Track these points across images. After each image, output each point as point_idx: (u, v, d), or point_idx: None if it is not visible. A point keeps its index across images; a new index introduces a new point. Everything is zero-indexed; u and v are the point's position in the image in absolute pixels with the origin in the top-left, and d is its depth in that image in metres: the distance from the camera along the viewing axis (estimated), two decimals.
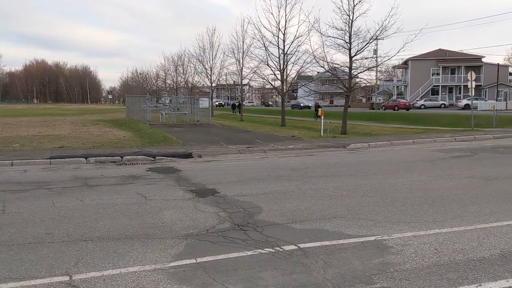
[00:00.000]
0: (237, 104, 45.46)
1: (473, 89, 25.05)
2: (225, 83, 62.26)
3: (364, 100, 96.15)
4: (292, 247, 5.19)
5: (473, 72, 24.90)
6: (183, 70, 59.62)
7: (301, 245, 5.22)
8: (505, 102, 52.21)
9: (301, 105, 65.47)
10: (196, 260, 4.80)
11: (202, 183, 9.51)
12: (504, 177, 9.74)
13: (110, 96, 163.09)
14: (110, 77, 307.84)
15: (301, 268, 4.55)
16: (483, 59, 65.78)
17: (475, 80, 25.26)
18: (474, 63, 63.84)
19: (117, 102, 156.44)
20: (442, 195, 7.95)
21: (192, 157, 14.41)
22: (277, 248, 5.14)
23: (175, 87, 64.76)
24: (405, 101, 57.05)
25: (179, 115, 36.02)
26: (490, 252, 4.92)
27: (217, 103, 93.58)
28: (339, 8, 22.47)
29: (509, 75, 68.33)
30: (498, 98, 56.92)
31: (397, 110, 49.61)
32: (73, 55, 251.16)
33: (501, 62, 66.63)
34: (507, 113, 38.11)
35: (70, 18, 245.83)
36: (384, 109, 52.77)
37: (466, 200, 7.57)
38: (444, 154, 14.00)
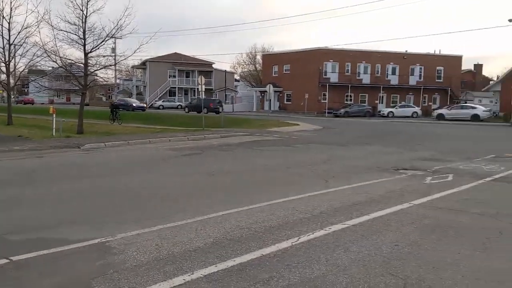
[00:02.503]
0: None
1: (203, 92, 27.40)
2: None
3: (104, 98, 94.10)
4: (4, 261, 4.66)
5: (202, 77, 27.24)
6: None
7: (15, 258, 4.74)
8: (232, 105, 58.94)
9: (134, 105, 48.49)
10: None
11: None
12: (224, 172, 10.95)
13: None
14: None
15: (12, 282, 4.13)
16: (213, 65, 72.80)
17: (205, 84, 27.71)
18: (206, 68, 70.10)
19: None
20: (171, 192, 8.43)
21: None
22: None
23: None
24: (29, 97, 76.12)
25: None
26: (204, 241, 5.43)
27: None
28: (72, 2, 21.32)
29: (235, 81, 77.58)
30: (226, 101, 63.81)
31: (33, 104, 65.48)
32: None
33: (228, 69, 74.94)
34: (233, 114, 43.16)
35: None
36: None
37: (191, 194, 8.21)
38: (176, 153, 14.86)
